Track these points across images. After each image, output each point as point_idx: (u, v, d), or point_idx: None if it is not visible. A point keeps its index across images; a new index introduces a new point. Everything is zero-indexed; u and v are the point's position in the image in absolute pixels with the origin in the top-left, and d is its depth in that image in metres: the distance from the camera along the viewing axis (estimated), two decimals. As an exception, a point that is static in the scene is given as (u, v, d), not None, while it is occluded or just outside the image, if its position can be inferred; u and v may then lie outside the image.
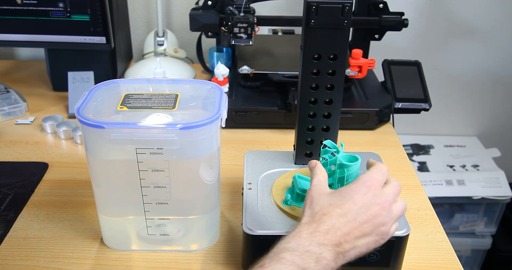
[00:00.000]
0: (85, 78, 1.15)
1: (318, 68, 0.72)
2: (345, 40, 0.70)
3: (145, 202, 0.69)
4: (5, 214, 0.80)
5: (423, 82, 1.12)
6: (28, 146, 1.01)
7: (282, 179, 0.74)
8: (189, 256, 0.73)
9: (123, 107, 0.66)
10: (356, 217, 0.56)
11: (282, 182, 0.73)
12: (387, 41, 1.24)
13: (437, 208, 1.22)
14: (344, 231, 0.55)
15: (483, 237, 1.55)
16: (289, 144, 0.83)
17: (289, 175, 0.75)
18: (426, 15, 1.46)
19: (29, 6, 1.08)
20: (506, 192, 1.46)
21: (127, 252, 0.74)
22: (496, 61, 1.54)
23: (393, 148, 1.02)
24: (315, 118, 0.76)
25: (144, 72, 1.27)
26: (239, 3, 1.06)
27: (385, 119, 1.10)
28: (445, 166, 1.54)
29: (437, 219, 0.82)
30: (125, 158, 0.65)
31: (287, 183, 0.73)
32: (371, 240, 0.57)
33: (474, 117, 1.65)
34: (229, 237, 0.77)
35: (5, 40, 1.12)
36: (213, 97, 0.69)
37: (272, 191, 0.72)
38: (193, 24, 1.12)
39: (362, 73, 1.07)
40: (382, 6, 1.13)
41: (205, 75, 1.34)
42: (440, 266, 0.72)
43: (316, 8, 0.67)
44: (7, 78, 1.33)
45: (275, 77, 1.08)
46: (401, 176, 0.92)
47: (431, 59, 1.51)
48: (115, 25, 1.16)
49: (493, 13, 1.46)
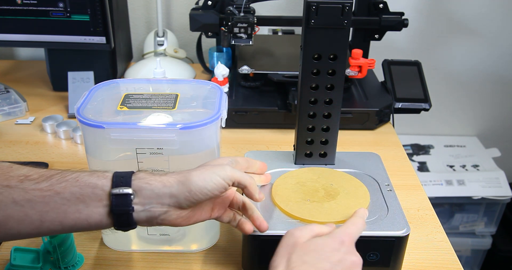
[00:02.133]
0: (85, 78, 1.15)
1: (318, 68, 0.72)
2: (345, 40, 0.70)
3: (145, 202, 0.69)
4: (5, 214, 0.80)
5: (423, 82, 1.12)
6: (28, 146, 1.01)
7: (282, 179, 0.74)
8: (189, 256, 0.73)
9: (123, 107, 0.66)
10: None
11: (282, 182, 0.74)
12: (387, 41, 1.24)
13: (437, 208, 1.21)
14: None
15: (483, 237, 1.55)
16: (289, 144, 0.83)
17: (289, 175, 0.75)
18: (426, 15, 1.46)
19: (29, 6, 1.08)
20: (506, 192, 1.46)
21: (127, 252, 0.74)
22: (496, 61, 1.54)
23: (393, 148, 1.02)
24: (315, 118, 0.76)
25: (144, 72, 1.27)
26: (239, 3, 1.06)
27: (385, 119, 1.10)
28: (445, 166, 1.54)
29: (437, 219, 0.82)
30: (125, 158, 0.65)
31: (287, 183, 0.73)
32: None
33: (474, 117, 1.65)
34: (229, 237, 0.77)
35: (5, 40, 1.12)
36: (213, 97, 0.69)
37: (271, 191, 0.72)
38: (193, 24, 1.12)
39: (362, 73, 1.07)
40: (382, 6, 1.13)
41: (205, 75, 1.34)
42: (440, 266, 0.72)
43: (316, 8, 0.67)
44: (7, 78, 1.33)
45: (275, 77, 1.08)
46: (401, 176, 0.92)
47: (431, 59, 1.51)
48: (115, 25, 1.16)
49: (493, 13, 1.46)
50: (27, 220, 0.51)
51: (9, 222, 0.50)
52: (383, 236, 0.65)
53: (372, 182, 0.76)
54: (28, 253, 0.69)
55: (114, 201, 0.53)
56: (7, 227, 0.50)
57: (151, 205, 0.55)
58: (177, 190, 0.55)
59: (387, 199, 0.72)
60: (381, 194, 0.73)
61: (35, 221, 0.51)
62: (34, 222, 0.51)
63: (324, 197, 0.70)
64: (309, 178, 0.74)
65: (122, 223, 0.54)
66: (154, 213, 0.55)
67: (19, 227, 0.51)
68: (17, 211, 0.50)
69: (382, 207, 0.70)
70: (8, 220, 0.50)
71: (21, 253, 0.68)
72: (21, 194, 0.51)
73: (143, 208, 0.55)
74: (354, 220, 0.62)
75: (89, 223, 0.53)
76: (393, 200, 0.71)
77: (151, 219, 0.55)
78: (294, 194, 0.71)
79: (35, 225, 0.51)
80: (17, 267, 0.66)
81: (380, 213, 0.69)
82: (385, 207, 0.70)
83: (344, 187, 0.72)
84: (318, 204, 0.68)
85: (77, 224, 0.53)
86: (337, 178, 0.75)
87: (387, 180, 0.76)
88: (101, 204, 0.53)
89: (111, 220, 0.54)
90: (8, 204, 0.50)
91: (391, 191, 0.73)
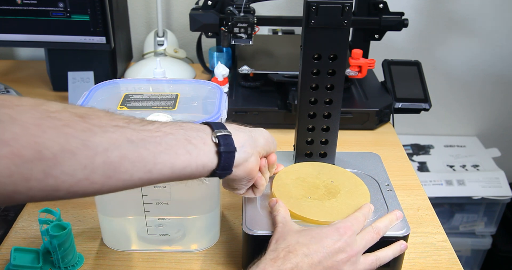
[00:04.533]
0: (85, 78, 1.15)
1: (318, 68, 0.72)
2: (345, 40, 0.70)
3: (145, 202, 0.69)
4: (5, 214, 0.80)
5: (423, 82, 1.12)
6: (28, 146, 1.01)
7: (282, 173, 0.74)
8: (189, 256, 0.73)
9: (123, 107, 0.66)
10: (322, 260, 0.56)
11: (283, 177, 0.73)
12: (387, 41, 1.24)
13: (437, 208, 1.21)
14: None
15: (483, 237, 1.55)
16: (289, 144, 0.83)
17: (289, 170, 0.75)
18: (426, 15, 1.46)
19: (29, 6, 1.08)
20: (506, 192, 1.46)
21: (127, 252, 0.74)
22: (496, 61, 1.54)
23: (393, 148, 1.02)
24: (315, 118, 0.76)
25: (144, 72, 1.27)
26: (239, 3, 1.06)
27: (385, 119, 1.10)
28: (445, 166, 1.54)
29: (437, 219, 0.82)
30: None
31: (288, 178, 0.73)
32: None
33: (474, 117, 1.65)
34: (229, 237, 0.77)
35: (5, 40, 1.12)
36: (213, 97, 0.69)
37: (272, 186, 0.71)
38: (193, 24, 1.12)
39: (362, 73, 1.07)
40: (382, 6, 1.13)
41: (205, 75, 1.34)
42: (440, 266, 0.72)
43: (316, 8, 0.67)
44: (7, 78, 1.33)
45: (275, 77, 1.08)
46: (401, 176, 0.92)
47: (431, 59, 1.51)
48: (115, 25, 1.16)
49: (493, 13, 1.46)
50: (142, 162, 0.47)
51: (124, 163, 0.46)
52: (383, 236, 0.65)
53: (372, 182, 0.76)
54: (28, 253, 0.69)
55: (222, 141, 0.53)
56: (121, 169, 0.46)
57: (245, 147, 0.57)
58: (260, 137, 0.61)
59: (387, 199, 0.72)
60: (381, 194, 0.73)
61: (148, 162, 0.48)
62: (147, 164, 0.48)
63: (325, 195, 0.70)
64: (309, 174, 0.74)
65: (226, 164, 0.54)
66: (248, 154, 0.57)
67: (133, 170, 0.47)
68: (132, 150, 0.46)
69: (382, 207, 0.70)
70: (123, 160, 0.46)
71: (21, 253, 0.68)
72: (133, 133, 0.47)
73: (240, 148, 0.56)
74: (357, 214, 0.63)
75: (197, 166, 0.52)
76: (393, 200, 0.72)
77: (244, 160, 0.57)
78: (295, 189, 0.71)
79: (148, 168, 0.48)
80: (17, 267, 0.67)
81: (380, 213, 0.69)
82: (385, 207, 0.70)
83: (345, 184, 0.72)
84: (319, 202, 0.68)
85: (187, 167, 0.51)
86: (337, 175, 0.75)
87: (387, 180, 0.76)
88: (209, 145, 0.53)
89: (218, 160, 0.54)
90: (123, 143, 0.46)
91: (391, 191, 0.73)
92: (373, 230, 0.63)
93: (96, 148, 0.44)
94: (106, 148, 0.45)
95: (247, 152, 0.57)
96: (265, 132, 0.63)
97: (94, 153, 0.44)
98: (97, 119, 0.46)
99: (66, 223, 0.67)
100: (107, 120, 0.47)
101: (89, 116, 0.45)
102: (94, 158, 0.44)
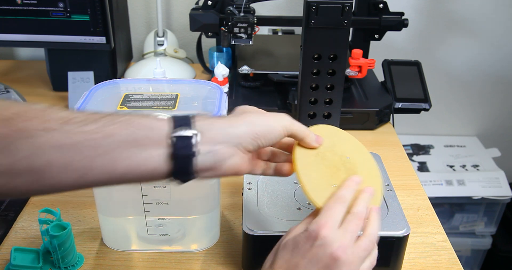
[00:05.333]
0: (85, 78, 1.15)
1: (318, 68, 0.72)
2: (345, 40, 0.70)
3: (145, 202, 0.69)
4: (5, 214, 0.80)
5: (423, 82, 1.12)
6: (28, 146, 1.01)
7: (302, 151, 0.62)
8: (189, 256, 0.73)
9: (123, 107, 0.66)
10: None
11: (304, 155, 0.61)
12: (387, 41, 1.24)
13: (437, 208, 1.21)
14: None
15: (483, 237, 1.55)
16: (289, 144, 0.83)
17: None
18: (426, 15, 1.46)
19: (29, 6, 1.08)
20: (506, 192, 1.46)
21: (127, 252, 0.74)
22: (496, 61, 1.54)
23: (393, 148, 1.02)
24: (315, 118, 0.76)
25: (144, 72, 1.27)
26: (239, 3, 1.06)
27: (385, 119, 1.10)
28: (445, 166, 1.54)
29: (437, 219, 0.82)
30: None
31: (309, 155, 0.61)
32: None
33: (474, 117, 1.65)
34: (229, 237, 0.77)
35: (5, 40, 1.12)
36: (213, 97, 0.69)
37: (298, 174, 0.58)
38: (193, 24, 1.12)
39: (362, 73, 1.07)
40: (382, 6, 1.13)
41: (205, 75, 1.34)
42: (440, 266, 0.72)
43: (316, 8, 0.67)
44: (7, 78, 1.33)
45: (275, 77, 1.08)
46: (401, 176, 0.92)
47: (431, 59, 1.51)
48: (115, 25, 1.16)
49: (494, 13, 1.46)
50: (71, 168, 0.44)
51: (49, 170, 0.44)
52: (383, 236, 0.65)
53: (372, 182, 0.75)
54: (28, 253, 0.69)
55: (177, 143, 0.47)
56: (47, 176, 0.44)
57: (219, 146, 0.50)
58: (245, 131, 0.51)
59: (387, 199, 0.72)
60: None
61: (80, 168, 0.45)
62: (79, 170, 0.45)
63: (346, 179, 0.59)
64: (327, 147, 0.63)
65: (183, 169, 0.48)
66: (221, 155, 0.50)
67: (60, 176, 0.44)
68: (58, 157, 0.44)
69: (382, 207, 0.70)
70: (48, 167, 0.44)
71: (21, 253, 0.68)
72: (63, 137, 0.44)
73: (209, 150, 0.49)
74: (329, 205, 0.53)
75: (142, 172, 0.47)
76: (393, 200, 0.72)
77: (216, 163, 0.50)
78: (320, 174, 0.60)
79: (79, 174, 0.45)
80: (17, 267, 0.67)
81: (380, 213, 0.69)
82: (385, 207, 0.70)
83: (359, 161, 0.63)
84: None
85: (128, 172, 0.47)
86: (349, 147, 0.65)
87: (387, 180, 0.76)
88: (159, 148, 0.47)
89: (170, 166, 0.48)
90: (47, 150, 0.44)
91: (391, 191, 0.73)
92: (355, 217, 0.53)
93: (17, 154, 0.43)
94: (27, 155, 0.43)
95: (220, 153, 0.50)
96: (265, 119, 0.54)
97: (14, 159, 0.43)
98: (26, 121, 0.44)
99: (66, 223, 0.67)
100: (38, 123, 0.44)
101: (18, 119, 0.44)
102: (14, 164, 0.43)
